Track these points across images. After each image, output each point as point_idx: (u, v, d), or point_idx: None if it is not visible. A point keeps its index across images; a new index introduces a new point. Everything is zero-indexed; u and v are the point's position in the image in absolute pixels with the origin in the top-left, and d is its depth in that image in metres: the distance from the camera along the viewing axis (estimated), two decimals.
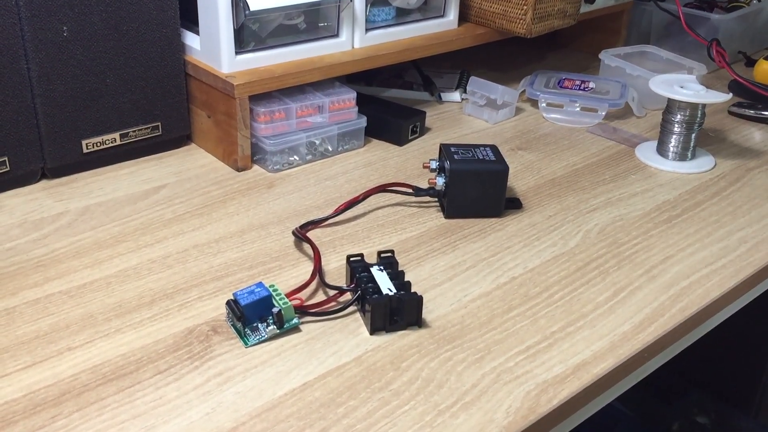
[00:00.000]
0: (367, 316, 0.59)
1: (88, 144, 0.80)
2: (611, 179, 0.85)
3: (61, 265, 0.66)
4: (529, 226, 0.75)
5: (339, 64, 0.87)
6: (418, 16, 0.97)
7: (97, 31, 0.76)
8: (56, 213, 0.74)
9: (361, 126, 0.89)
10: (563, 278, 0.67)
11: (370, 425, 0.50)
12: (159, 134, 0.85)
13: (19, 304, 0.61)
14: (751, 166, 0.90)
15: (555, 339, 0.59)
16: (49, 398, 0.51)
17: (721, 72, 1.13)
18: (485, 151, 0.76)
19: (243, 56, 0.82)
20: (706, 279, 0.67)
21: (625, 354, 0.58)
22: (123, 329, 0.58)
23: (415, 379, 0.54)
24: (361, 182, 0.82)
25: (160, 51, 0.81)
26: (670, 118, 0.88)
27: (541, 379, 0.55)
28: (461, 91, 1.05)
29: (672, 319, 0.62)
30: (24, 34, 0.72)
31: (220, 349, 0.56)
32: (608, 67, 1.08)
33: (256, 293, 0.58)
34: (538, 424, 0.52)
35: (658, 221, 0.76)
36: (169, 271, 0.65)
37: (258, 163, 0.85)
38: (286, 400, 0.52)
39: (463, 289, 0.64)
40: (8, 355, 0.55)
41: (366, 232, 0.73)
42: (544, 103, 1.01)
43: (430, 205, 0.78)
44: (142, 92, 0.82)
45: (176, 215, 0.74)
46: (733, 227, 0.76)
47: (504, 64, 1.19)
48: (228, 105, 0.81)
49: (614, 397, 0.61)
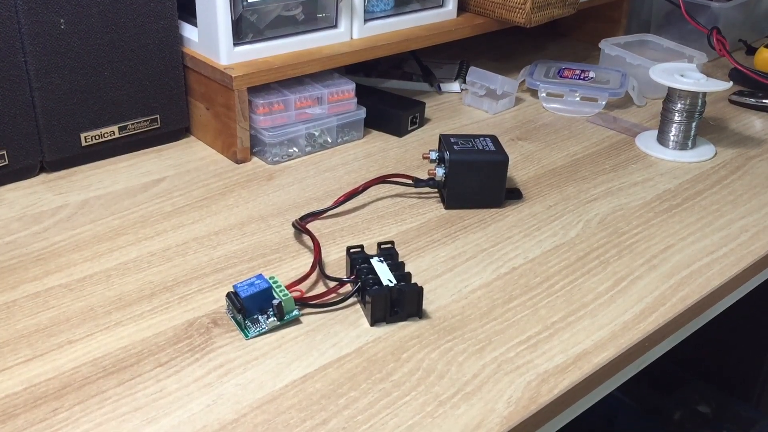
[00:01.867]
0: (368, 307, 0.59)
1: (87, 137, 0.80)
2: (611, 169, 0.85)
3: (60, 258, 0.66)
4: (530, 216, 0.75)
5: (338, 55, 0.87)
6: (417, 6, 0.97)
7: (94, 24, 0.76)
8: (55, 206, 0.74)
9: (360, 117, 0.89)
10: (564, 268, 0.66)
11: (371, 416, 0.50)
12: (158, 127, 0.85)
13: (19, 298, 0.61)
14: (752, 154, 0.89)
15: (556, 329, 0.59)
16: (50, 391, 0.51)
17: (721, 60, 1.12)
18: (485, 142, 0.76)
19: (241, 48, 0.82)
20: (707, 268, 0.67)
21: (625, 343, 0.58)
22: (123, 322, 0.58)
23: (415, 370, 0.54)
24: (361, 173, 0.82)
25: (158, 43, 0.81)
26: (671, 107, 0.88)
27: (542, 369, 0.55)
28: (461, 82, 1.05)
29: (673, 309, 0.62)
30: (21, 27, 0.72)
31: (220, 342, 0.56)
32: (608, 57, 1.07)
33: (256, 285, 0.57)
34: (539, 414, 0.52)
35: (658, 210, 0.76)
36: (169, 263, 0.65)
37: (257, 155, 0.85)
38: (286, 391, 0.52)
39: (463, 280, 0.64)
40: (9, 348, 0.55)
41: (366, 223, 0.73)
42: (544, 93, 1.01)
43: (430, 196, 0.78)
44: (141, 85, 0.81)
45: (176, 208, 0.74)
46: (733, 216, 0.76)
47: (503, 54, 1.18)
48: (227, 97, 0.81)
49: (615, 386, 0.61)
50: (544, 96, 1.01)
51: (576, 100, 1.00)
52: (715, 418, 1.16)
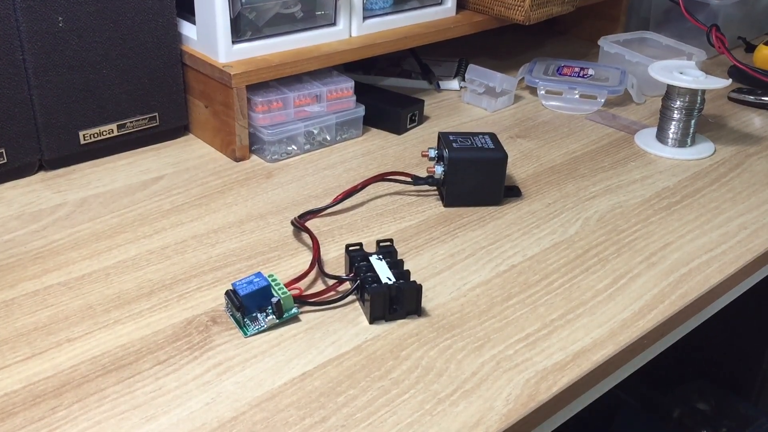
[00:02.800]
0: (367, 305, 0.59)
1: (86, 135, 0.80)
2: (611, 166, 0.85)
3: (59, 256, 0.66)
4: (529, 214, 0.75)
5: (337, 53, 0.87)
6: (416, 3, 0.97)
7: (93, 22, 0.76)
8: (54, 204, 0.74)
9: (359, 115, 0.89)
10: (563, 266, 0.66)
11: (370, 414, 0.50)
12: (156, 125, 0.84)
13: (18, 296, 0.60)
14: (751, 152, 0.89)
15: (554, 326, 0.59)
16: (49, 389, 0.51)
17: (720, 58, 1.12)
18: (484, 139, 0.76)
19: (240, 46, 0.82)
20: (706, 265, 0.67)
21: (624, 341, 0.58)
22: (122, 320, 0.58)
23: (414, 368, 0.54)
24: (360, 171, 0.82)
25: (157, 41, 0.81)
26: (670, 104, 0.88)
27: (540, 366, 0.55)
28: (459, 80, 1.05)
29: (672, 306, 0.62)
30: (19, 25, 0.72)
31: (219, 340, 0.56)
32: (607, 54, 1.07)
33: (255, 283, 0.57)
34: (537, 412, 0.52)
35: (657, 208, 0.76)
36: (167, 261, 0.65)
37: (256, 153, 0.85)
38: (285, 389, 0.52)
39: (462, 278, 0.64)
40: (8, 346, 0.55)
41: (365, 221, 0.73)
42: (543, 91, 1.01)
43: (429, 193, 0.78)
44: (139, 83, 0.81)
45: (174, 206, 0.74)
46: (732, 213, 0.76)
47: (502, 51, 1.18)
48: (225, 95, 0.81)
49: (614, 384, 0.61)
50: (543, 93, 1.01)
51: (575, 97, 0.99)
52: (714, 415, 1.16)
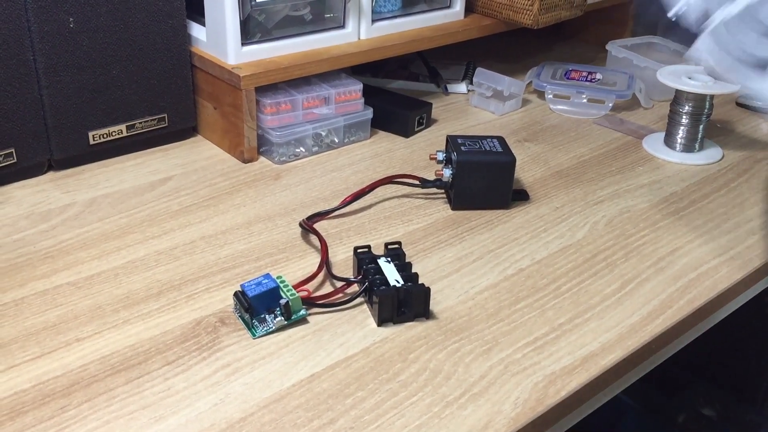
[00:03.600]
0: (375, 307, 0.59)
1: (95, 136, 0.80)
2: (618, 171, 0.85)
3: (68, 256, 0.66)
4: (536, 217, 0.75)
5: (345, 56, 0.87)
6: (425, 6, 0.97)
7: (103, 23, 0.76)
8: (63, 204, 0.74)
9: (367, 117, 0.89)
10: (571, 270, 0.66)
11: (377, 416, 0.50)
12: (165, 126, 0.85)
13: (28, 295, 0.61)
14: (759, 157, 0.89)
15: (563, 331, 0.59)
16: (58, 389, 0.51)
17: None
18: (492, 143, 0.76)
19: (249, 47, 0.82)
20: (714, 271, 0.67)
21: (632, 346, 0.58)
22: (131, 320, 0.58)
23: (422, 371, 0.54)
24: (368, 174, 0.82)
25: (167, 42, 0.81)
26: (678, 109, 0.88)
27: (549, 370, 0.55)
28: (467, 83, 1.05)
29: (680, 311, 0.62)
30: (30, 26, 0.72)
31: (227, 341, 0.56)
32: (615, 59, 1.07)
33: (263, 284, 0.58)
34: (545, 416, 0.52)
35: (665, 213, 0.76)
36: (176, 262, 0.66)
37: (264, 155, 0.85)
38: (293, 391, 0.52)
39: (470, 281, 0.64)
40: (17, 345, 0.55)
41: (373, 223, 0.73)
42: (551, 95, 1.01)
43: (437, 196, 0.78)
44: (149, 84, 0.82)
45: (183, 207, 0.74)
46: (740, 219, 0.75)
47: (510, 55, 1.18)
48: (234, 96, 0.81)
49: (622, 388, 0.61)
50: (550, 97, 1.01)
51: (583, 101, 0.99)
52: (719, 421, 1.16)
